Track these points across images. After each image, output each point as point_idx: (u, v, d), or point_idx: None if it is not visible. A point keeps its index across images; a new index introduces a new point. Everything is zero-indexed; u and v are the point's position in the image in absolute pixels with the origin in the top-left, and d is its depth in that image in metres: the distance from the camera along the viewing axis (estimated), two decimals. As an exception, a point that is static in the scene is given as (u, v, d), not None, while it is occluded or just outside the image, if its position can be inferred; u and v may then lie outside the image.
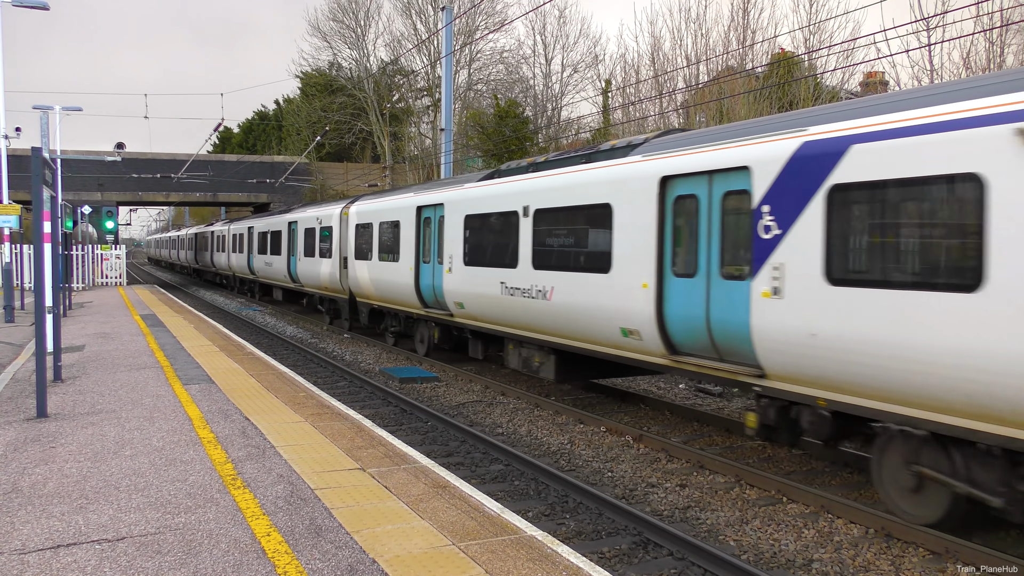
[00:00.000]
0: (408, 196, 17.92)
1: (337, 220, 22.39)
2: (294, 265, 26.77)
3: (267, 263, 30.77)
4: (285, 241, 27.98)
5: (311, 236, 24.69)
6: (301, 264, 25.91)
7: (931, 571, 6.66)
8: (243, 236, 35.26)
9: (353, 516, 6.19)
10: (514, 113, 38.54)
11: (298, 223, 26.55)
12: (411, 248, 17.19)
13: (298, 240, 26.29)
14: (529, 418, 12.34)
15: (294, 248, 26.73)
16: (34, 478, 7.14)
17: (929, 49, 20.04)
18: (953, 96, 6.79)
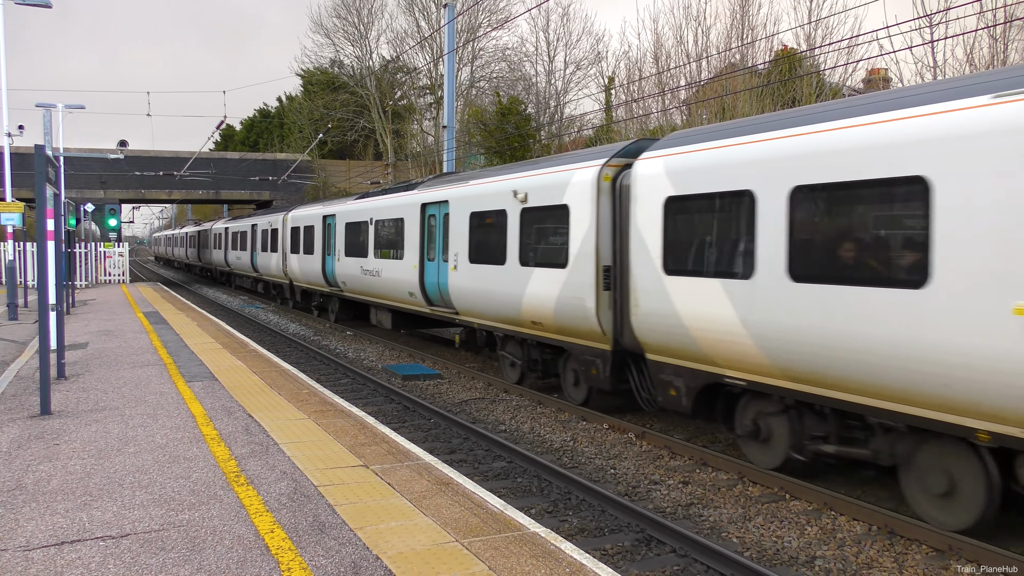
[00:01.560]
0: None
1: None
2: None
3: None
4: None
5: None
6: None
7: (934, 568, 6.66)
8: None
9: (357, 513, 6.20)
10: (516, 110, 38.51)
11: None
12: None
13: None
14: (532, 415, 12.34)
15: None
16: (38, 475, 7.15)
17: (932, 46, 20.00)
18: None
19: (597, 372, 11.39)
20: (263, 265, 31.77)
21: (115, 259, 41.36)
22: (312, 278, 24.98)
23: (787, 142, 8.10)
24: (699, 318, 9.14)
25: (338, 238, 22.30)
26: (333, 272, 22.76)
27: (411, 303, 17.56)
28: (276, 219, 29.58)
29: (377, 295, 19.79)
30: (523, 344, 13.49)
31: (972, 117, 6.49)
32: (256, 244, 32.63)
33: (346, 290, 22.10)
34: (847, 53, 24.89)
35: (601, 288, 10.93)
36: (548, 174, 12.31)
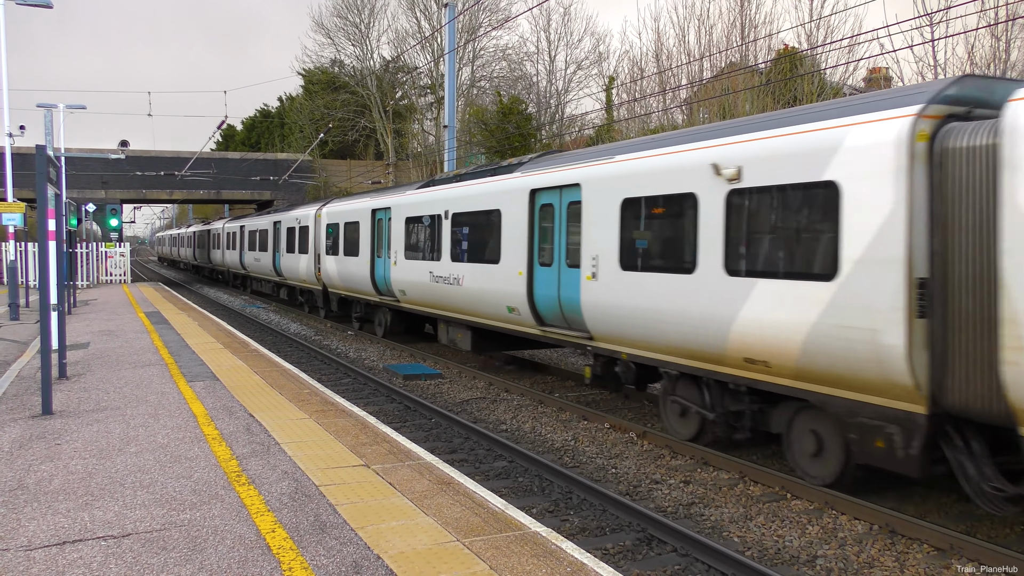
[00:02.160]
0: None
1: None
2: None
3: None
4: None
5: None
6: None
7: (936, 567, 6.66)
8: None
9: (358, 512, 6.20)
10: (517, 110, 38.50)
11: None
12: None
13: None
14: (533, 415, 12.34)
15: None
16: (40, 475, 7.16)
17: (933, 45, 19.99)
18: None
19: (891, 447, 7.37)
20: (289, 268, 27.67)
21: (116, 259, 41.39)
22: (355, 284, 21.19)
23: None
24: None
25: (394, 236, 18.29)
26: (386, 278, 18.76)
27: (509, 321, 13.56)
28: (306, 215, 25.78)
29: (454, 308, 15.62)
30: (713, 388, 9.53)
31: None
32: (280, 244, 28.88)
33: (404, 300, 17.99)
34: (848, 52, 24.90)
35: (914, 314, 7.01)
36: (788, 136, 8.37)
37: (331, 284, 23.44)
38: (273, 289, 32.53)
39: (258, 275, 34.34)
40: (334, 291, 23.58)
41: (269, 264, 30.66)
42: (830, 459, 8.24)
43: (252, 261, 34.24)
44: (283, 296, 30.97)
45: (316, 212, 24.86)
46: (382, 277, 19.09)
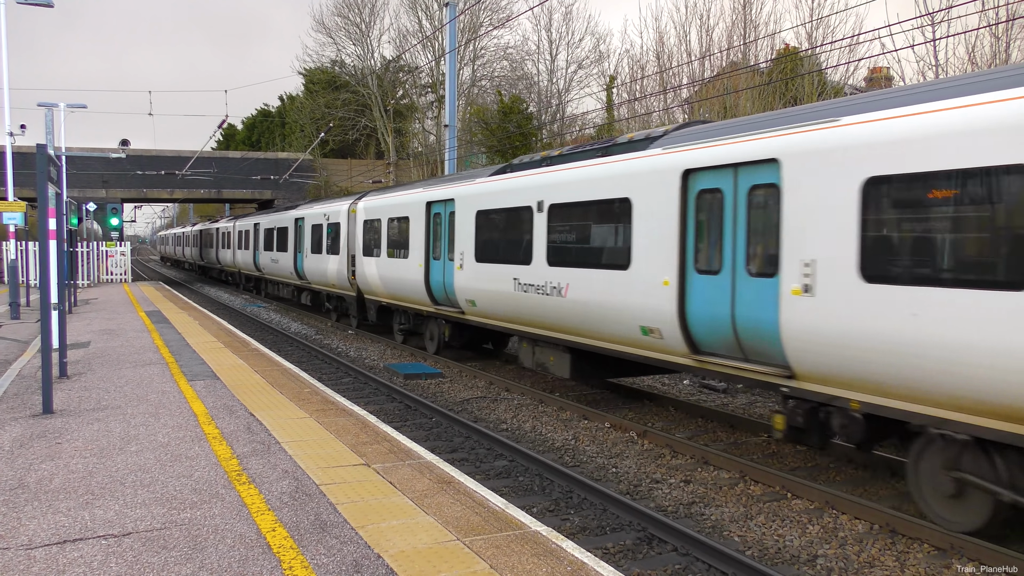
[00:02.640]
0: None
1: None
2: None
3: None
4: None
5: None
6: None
7: (936, 567, 6.66)
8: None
9: (358, 512, 6.20)
10: (518, 109, 38.49)
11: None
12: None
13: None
14: (533, 414, 12.34)
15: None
16: (40, 474, 7.16)
17: (934, 44, 19.97)
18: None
19: None
20: (314, 271, 24.34)
21: (117, 258, 41.41)
22: (402, 291, 17.81)
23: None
24: None
25: (459, 234, 14.96)
26: (448, 284, 15.48)
27: (642, 345, 10.47)
28: (336, 210, 22.62)
29: (548, 325, 12.42)
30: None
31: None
32: (303, 243, 25.67)
33: (474, 312, 14.75)
34: (849, 52, 24.89)
35: None
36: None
37: (369, 290, 20.28)
38: (293, 294, 28.82)
39: (275, 278, 30.72)
40: (372, 298, 20.26)
41: (289, 266, 27.28)
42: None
43: (268, 262, 30.74)
44: (305, 301, 27.35)
45: (350, 207, 21.45)
46: (440, 283, 15.83)
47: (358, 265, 20.68)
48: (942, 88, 7.10)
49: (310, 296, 26.88)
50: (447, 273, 15.58)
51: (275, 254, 29.57)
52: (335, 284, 22.88)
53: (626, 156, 10.74)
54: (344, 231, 21.82)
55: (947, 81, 7.37)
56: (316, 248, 24.29)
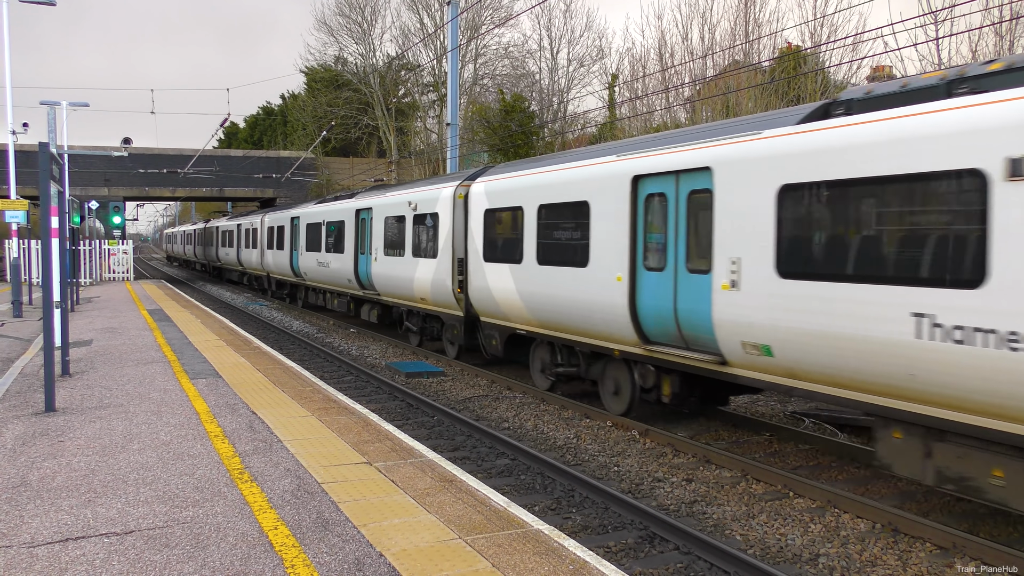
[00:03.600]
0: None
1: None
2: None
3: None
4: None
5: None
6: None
7: (938, 565, 6.65)
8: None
9: (360, 510, 6.20)
10: (520, 108, 38.46)
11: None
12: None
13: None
14: (535, 412, 12.34)
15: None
16: (43, 472, 7.17)
17: (937, 43, 19.94)
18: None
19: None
20: (388, 278, 18.81)
21: (119, 256, 41.45)
22: (570, 317, 11.94)
23: None
24: None
25: (733, 228, 8.91)
26: (696, 314, 9.49)
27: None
28: (431, 195, 16.73)
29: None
30: None
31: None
32: (368, 242, 20.36)
33: (757, 364, 8.79)
34: (852, 50, 24.85)
35: None
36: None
37: (490, 310, 14.36)
38: (349, 306, 23.15)
39: (322, 285, 25.01)
40: (496, 322, 14.38)
41: (345, 271, 21.88)
42: None
43: (312, 266, 25.20)
44: (367, 317, 21.44)
45: (456, 191, 15.70)
46: (655, 310, 10.11)
47: (472, 274, 14.79)
48: None
49: (378, 311, 20.71)
50: (691, 293, 9.51)
51: (323, 255, 24.03)
52: (426, 298, 17.02)
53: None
54: (447, 225, 15.91)
55: None
56: (392, 248, 18.68)
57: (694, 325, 9.56)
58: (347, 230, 21.94)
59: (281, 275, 30.55)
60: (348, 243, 21.73)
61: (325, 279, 24.27)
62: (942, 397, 6.71)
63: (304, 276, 26.75)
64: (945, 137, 6.64)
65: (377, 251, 19.57)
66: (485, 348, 15.20)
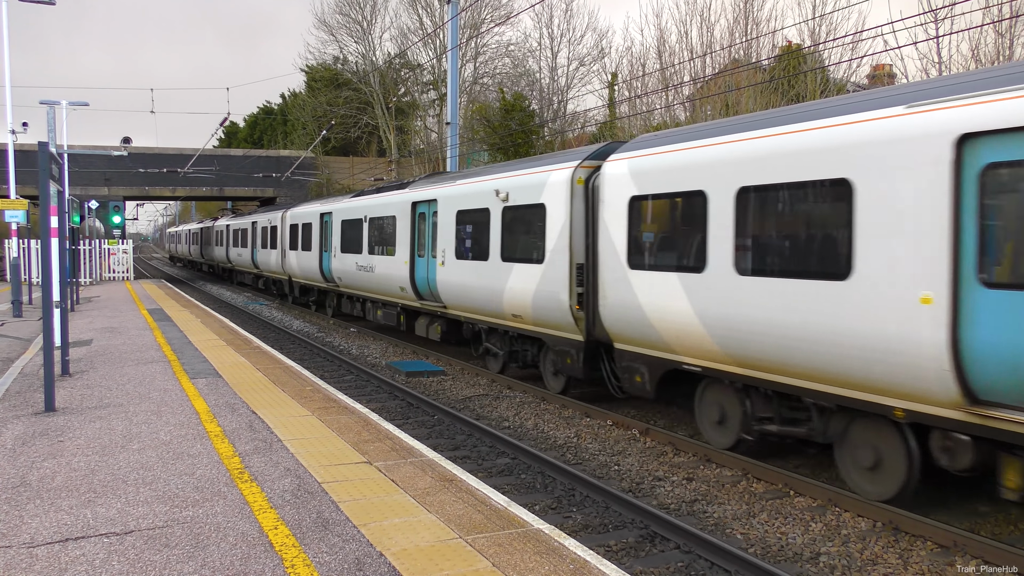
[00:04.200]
0: None
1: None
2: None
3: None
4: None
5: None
6: None
7: (939, 564, 6.64)
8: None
9: (360, 509, 6.20)
10: (520, 107, 38.45)
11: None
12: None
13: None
14: (535, 412, 12.34)
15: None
16: (42, 472, 7.16)
17: (937, 42, 19.93)
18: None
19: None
20: (461, 286, 15.03)
21: (119, 256, 41.43)
22: (795, 353, 8.18)
23: None
24: None
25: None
26: None
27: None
28: (536, 180, 12.80)
29: None
30: None
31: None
32: (432, 241, 16.36)
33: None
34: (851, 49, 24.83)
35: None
36: None
37: (634, 335, 10.68)
38: (399, 319, 19.01)
39: (362, 293, 21.40)
40: (647, 352, 10.56)
41: (398, 277, 17.95)
42: None
43: (350, 270, 21.57)
44: (427, 334, 17.42)
45: (572, 175, 11.79)
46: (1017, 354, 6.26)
47: (608, 285, 10.91)
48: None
49: (441, 326, 16.74)
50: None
51: (365, 258, 20.45)
52: (522, 315, 13.10)
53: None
54: (559, 220, 11.97)
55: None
56: (469, 250, 14.78)
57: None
58: (399, 227, 18.06)
59: (306, 279, 26.74)
60: (401, 243, 17.90)
61: (367, 286, 20.50)
62: None
63: (338, 281, 23.08)
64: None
65: (445, 253, 15.45)
66: (620, 384, 11.42)
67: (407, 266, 17.50)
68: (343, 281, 22.49)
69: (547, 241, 12.31)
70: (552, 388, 13.27)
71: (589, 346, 11.78)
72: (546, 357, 13.38)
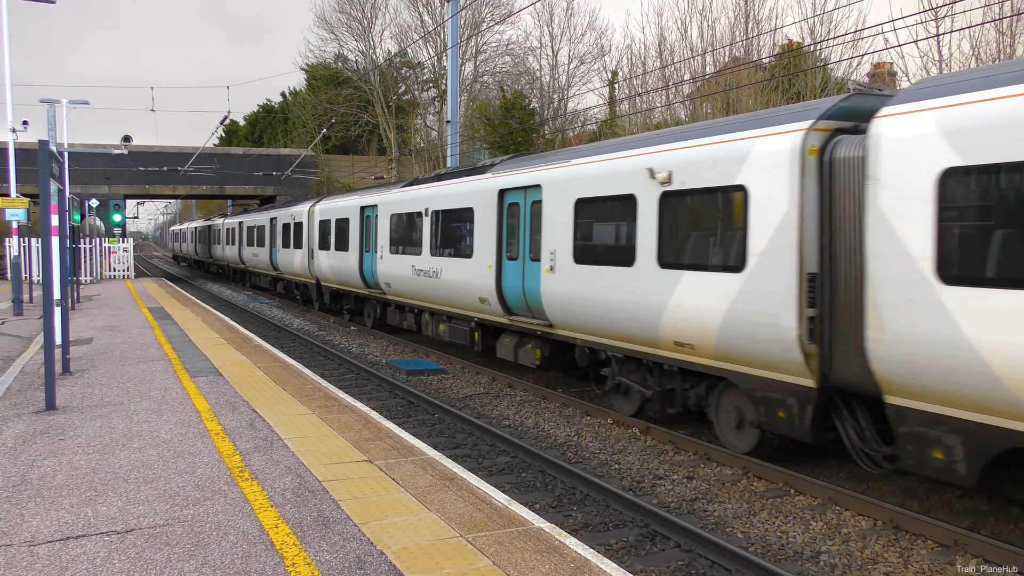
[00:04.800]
0: None
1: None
2: None
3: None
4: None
5: None
6: None
7: (939, 563, 6.65)
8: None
9: (361, 508, 6.20)
10: (520, 105, 38.46)
11: None
12: None
13: None
14: (536, 410, 12.34)
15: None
16: (43, 470, 7.17)
17: (938, 40, 19.91)
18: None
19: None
20: (580, 301, 11.57)
21: (120, 255, 41.42)
22: None
23: None
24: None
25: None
26: None
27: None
28: (710, 156, 9.23)
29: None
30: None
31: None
32: (526, 239, 13.14)
33: None
34: (852, 47, 24.81)
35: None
36: None
37: (924, 384, 6.85)
38: (472, 336, 15.32)
39: (420, 302, 17.26)
40: (951, 413, 6.73)
41: (478, 284, 14.36)
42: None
43: (403, 275, 17.69)
44: (516, 358, 13.78)
45: (802, 143, 8.08)
46: None
47: (889, 311, 7.14)
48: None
49: (543, 350, 13.14)
50: None
51: (425, 260, 16.60)
52: (700, 344, 9.43)
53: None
54: (778, 210, 8.34)
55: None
56: (597, 252, 11.43)
57: None
58: (480, 222, 14.41)
59: (340, 284, 23.00)
60: (483, 242, 14.32)
61: (427, 294, 16.67)
62: None
63: (384, 288, 19.08)
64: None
65: (556, 256, 12.11)
66: (889, 455, 7.67)
67: (491, 271, 13.91)
68: (392, 287, 18.45)
69: (750, 240, 8.62)
70: (733, 445, 9.52)
71: (823, 395, 8.11)
72: (724, 401, 9.64)
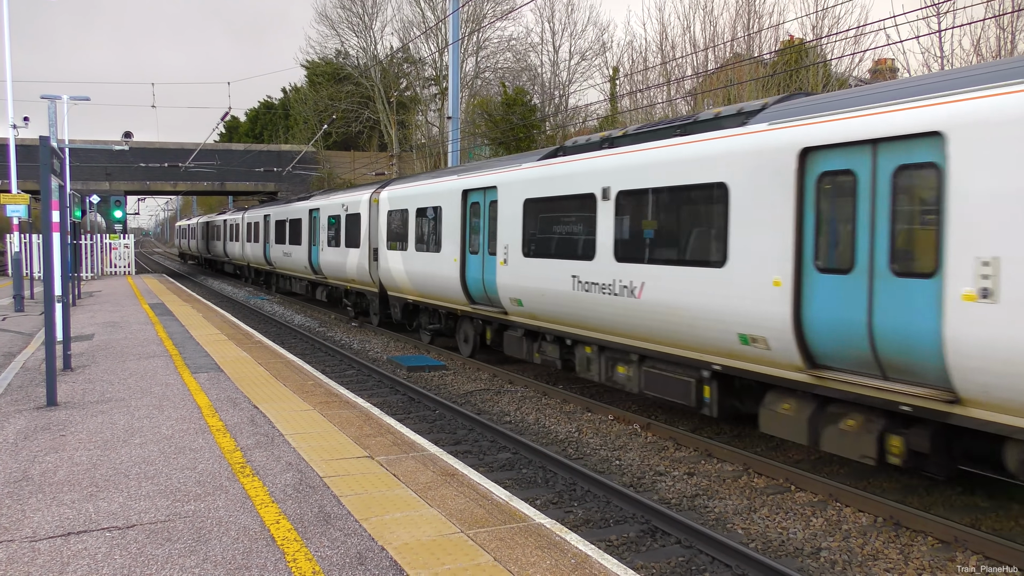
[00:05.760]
0: None
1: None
2: None
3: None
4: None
5: None
6: None
7: (940, 560, 6.65)
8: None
9: (362, 504, 6.20)
10: (521, 101, 38.40)
11: None
12: None
13: None
14: (537, 406, 12.34)
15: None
16: (44, 466, 7.17)
17: (939, 35, 19.86)
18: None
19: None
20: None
21: (121, 251, 41.44)
22: None
23: None
24: None
25: None
26: None
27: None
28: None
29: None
30: None
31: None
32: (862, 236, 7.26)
33: None
34: (854, 43, 24.76)
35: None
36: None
37: None
38: (697, 392, 9.57)
39: (589, 332, 11.45)
40: None
41: (723, 314, 8.71)
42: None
43: (556, 290, 11.93)
44: (822, 445, 8.10)
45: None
46: None
47: None
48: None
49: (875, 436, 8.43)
50: None
51: (605, 267, 10.80)
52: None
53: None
54: None
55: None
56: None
57: None
58: (740, 204, 8.59)
59: (422, 295, 17.30)
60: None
61: (604, 319, 10.96)
62: None
63: (510, 304, 13.47)
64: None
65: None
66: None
67: (786, 289, 7.99)
68: (527, 306, 12.93)
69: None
70: None
71: None
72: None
